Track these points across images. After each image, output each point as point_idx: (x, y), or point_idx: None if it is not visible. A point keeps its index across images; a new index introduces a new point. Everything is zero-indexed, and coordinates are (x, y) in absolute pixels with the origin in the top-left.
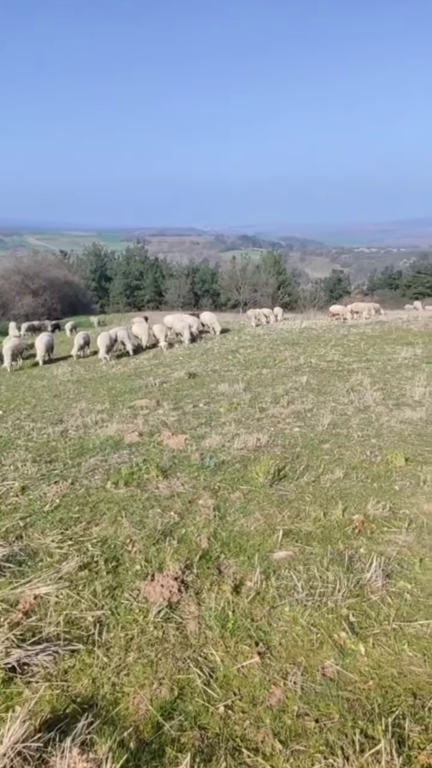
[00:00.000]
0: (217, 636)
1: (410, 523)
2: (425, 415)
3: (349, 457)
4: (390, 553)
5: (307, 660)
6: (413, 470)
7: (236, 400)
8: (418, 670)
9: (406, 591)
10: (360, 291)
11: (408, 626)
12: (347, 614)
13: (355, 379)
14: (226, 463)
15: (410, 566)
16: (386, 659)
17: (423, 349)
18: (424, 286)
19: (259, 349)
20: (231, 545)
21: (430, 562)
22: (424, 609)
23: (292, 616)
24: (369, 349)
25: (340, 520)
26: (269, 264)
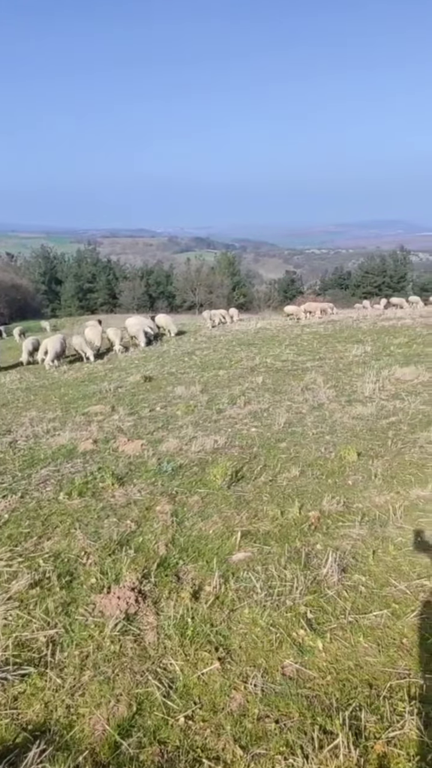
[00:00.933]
0: (177, 645)
1: (363, 516)
2: (375, 411)
3: (305, 454)
4: (345, 547)
5: (267, 661)
6: (365, 464)
7: (193, 403)
8: (373, 660)
9: (360, 584)
10: (313, 291)
11: (363, 618)
12: (305, 611)
13: (309, 377)
14: (184, 467)
15: (364, 559)
16: (343, 652)
17: (372, 347)
18: (371, 285)
19: (215, 351)
20: (189, 550)
21: (382, 553)
22: (377, 600)
23: (251, 617)
24: (322, 348)
25: (297, 517)
26: (224, 265)
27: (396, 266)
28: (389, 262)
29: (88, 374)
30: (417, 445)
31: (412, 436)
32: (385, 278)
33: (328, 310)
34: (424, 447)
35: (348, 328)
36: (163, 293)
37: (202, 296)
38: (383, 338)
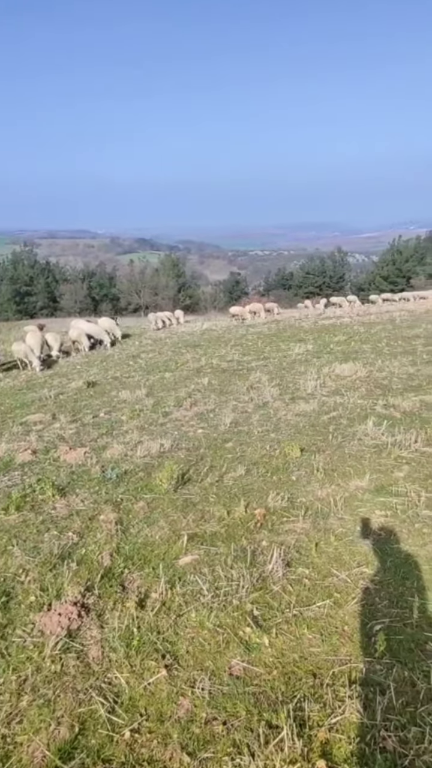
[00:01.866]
0: (122, 657)
1: (306, 510)
2: (317, 407)
3: (251, 453)
4: (289, 542)
5: (214, 663)
6: (308, 460)
7: (138, 407)
8: (317, 651)
9: (304, 576)
10: (257, 292)
11: (307, 610)
12: (251, 609)
13: (254, 377)
14: (129, 473)
15: (308, 552)
16: (288, 646)
17: (314, 345)
18: (313, 285)
19: (160, 353)
20: (135, 558)
21: (325, 545)
22: (320, 591)
23: (198, 621)
24: (266, 348)
25: (243, 516)
26: (168, 267)
27: (335, 267)
28: (328, 263)
29: (26, 382)
30: (355, 438)
31: (351, 429)
32: (325, 278)
33: (273, 309)
34: (362, 439)
35: (291, 328)
36: (107, 296)
37: (147, 298)
38: (324, 336)
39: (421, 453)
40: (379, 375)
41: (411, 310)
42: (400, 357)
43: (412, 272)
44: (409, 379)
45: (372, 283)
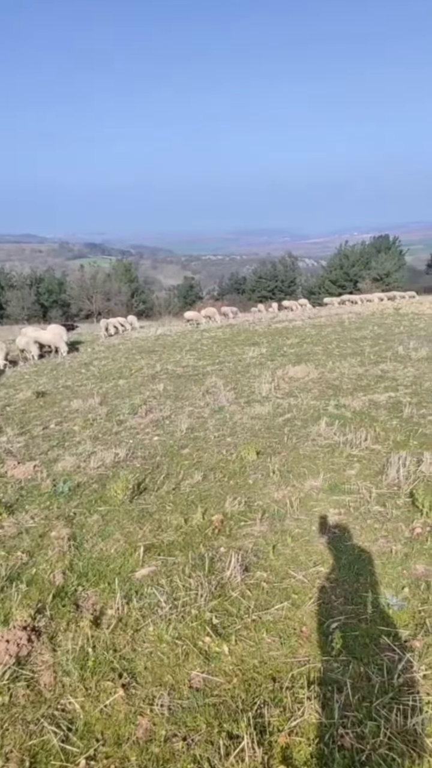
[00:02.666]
0: (76, 680)
1: (263, 513)
2: (272, 409)
3: (207, 458)
4: (247, 546)
5: (174, 677)
6: (264, 462)
7: (92, 416)
8: (276, 654)
9: (262, 580)
10: (211, 296)
11: (266, 614)
12: (210, 618)
13: (210, 381)
14: (83, 486)
15: (265, 555)
16: (248, 652)
17: (267, 348)
18: (265, 290)
19: (114, 360)
20: (90, 574)
21: (282, 547)
22: (278, 593)
23: (156, 634)
24: (221, 352)
25: (201, 523)
26: (120, 272)
27: (286, 271)
28: (280, 267)
29: None
30: (309, 439)
31: (305, 430)
32: (277, 282)
33: (229, 314)
34: (316, 440)
35: (245, 331)
36: (57, 302)
37: (99, 304)
38: (277, 339)
39: (371, 450)
40: (330, 376)
41: (358, 312)
42: (350, 358)
43: (358, 276)
44: (359, 379)
45: (322, 286)
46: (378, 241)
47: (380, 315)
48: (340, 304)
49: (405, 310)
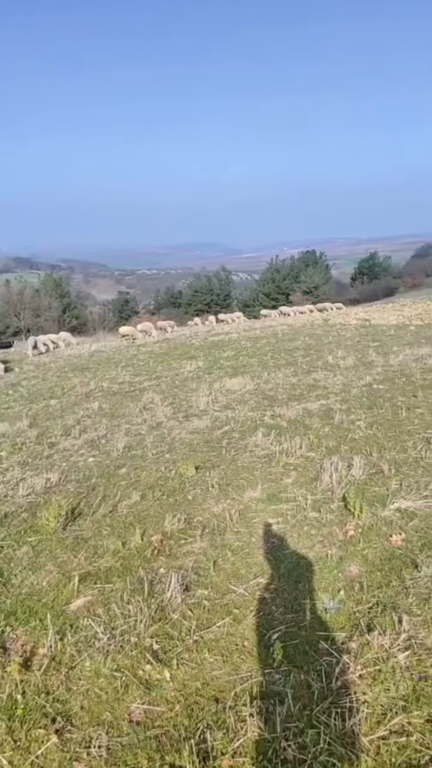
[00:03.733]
0: (4, 732)
1: (204, 528)
2: (210, 423)
3: (146, 477)
4: (188, 564)
5: (112, 712)
6: (203, 477)
7: (20, 440)
8: (218, 673)
9: (204, 598)
10: (147, 311)
11: (208, 633)
12: (151, 644)
13: (147, 397)
14: (10, 516)
15: (206, 572)
16: (191, 675)
17: (204, 361)
18: (201, 303)
19: (44, 379)
20: (18, 612)
21: (222, 562)
22: (220, 610)
23: (93, 669)
24: (158, 367)
25: (140, 545)
26: (50, 287)
27: (221, 285)
28: (214, 281)
29: None
30: (247, 450)
31: (242, 442)
32: (213, 296)
33: (167, 328)
34: (253, 451)
35: (182, 345)
36: None
37: (28, 321)
38: (214, 353)
39: (306, 458)
40: (265, 387)
41: (291, 324)
42: (284, 368)
43: (289, 289)
44: (292, 388)
45: (256, 299)
46: (306, 256)
47: (311, 326)
48: (280, 315)
49: (333, 321)
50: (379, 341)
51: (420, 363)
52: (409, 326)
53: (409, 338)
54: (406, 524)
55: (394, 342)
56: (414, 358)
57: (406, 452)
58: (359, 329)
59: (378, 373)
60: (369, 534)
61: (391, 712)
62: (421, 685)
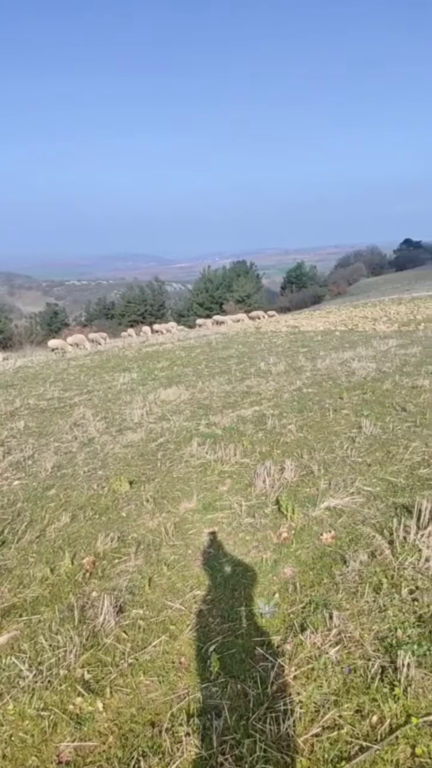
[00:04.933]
0: None
1: (138, 545)
2: (145, 435)
3: (77, 496)
4: (122, 585)
5: (39, 756)
6: (137, 492)
7: None
8: (154, 695)
9: (139, 618)
10: (78, 323)
11: (143, 654)
12: (82, 674)
13: (78, 413)
14: None
15: (141, 590)
16: (125, 701)
17: (138, 373)
18: (135, 314)
19: None
20: None
21: (158, 577)
22: (156, 628)
23: (18, 711)
24: (89, 380)
25: (70, 569)
26: None
27: (154, 295)
28: (148, 291)
29: None
30: (183, 461)
31: (178, 453)
32: (147, 306)
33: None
34: (189, 461)
35: (115, 357)
36: None
37: None
38: (148, 363)
39: (240, 464)
40: (200, 396)
41: (224, 333)
42: (218, 377)
43: (223, 298)
44: (227, 396)
45: (190, 309)
46: (237, 266)
47: (244, 334)
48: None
49: (265, 329)
50: (307, 347)
51: (344, 366)
52: (334, 332)
53: (335, 343)
54: (335, 522)
55: (321, 347)
56: (339, 361)
57: (334, 452)
58: (289, 336)
59: (307, 377)
60: (301, 535)
61: (324, 708)
62: (350, 678)
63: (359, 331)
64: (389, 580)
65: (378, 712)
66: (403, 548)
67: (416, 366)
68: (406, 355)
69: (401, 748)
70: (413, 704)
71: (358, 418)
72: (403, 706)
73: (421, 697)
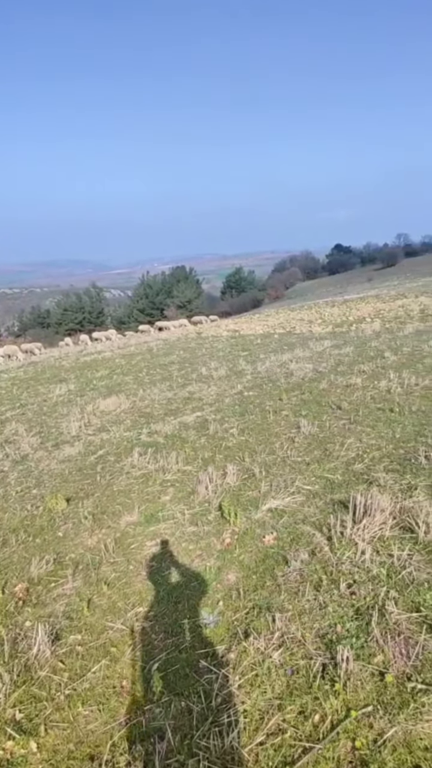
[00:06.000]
0: None
1: (77, 566)
2: (83, 448)
3: (9, 519)
4: (58, 610)
5: None
6: (75, 509)
7: None
8: (94, 726)
9: (77, 644)
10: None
11: (82, 682)
12: (13, 714)
13: (10, 429)
14: None
15: (79, 613)
16: (62, 736)
17: (76, 384)
18: (73, 322)
19: None
20: None
21: (98, 598)
22: (96, 652)
23: None
24: (23, 394)
25: (0, 600)
26: None
27: (92, 302)
28: (85, 299)
29: None
30: (124, 473)
31: (118, 465)
32: (85, 314)
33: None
34: (130, 472)
35: (50, 368)
36: None
37: None
38: (86, 373)
39: (183, 472)
40: (141, 404)
41: (165, 339)
42: (159, 384)
43: (163, 304)
44: (169, 403)
45: (131, 315)
46: (177, 272)
47: (185, 340)
48: (157, 330)
49: (206, 334)
50: (248, 350)
51: (283, 368)
52: (273, 335)
53: (274, 346)
54: (277, 523)
55: (261, 350)
56: (278, 364)
57: (275, 453)
58: (230, 340)
59: (248, 380)
60: (244, 539)
61: (268, 714)
62: (293, 679)
63: (297, 334)
64: (328, 577)
65: (320, 711)
66: (340, 543)
67: (349, 365)
68: (340, 355)
69: (342, 743)
70: (353, 697)
71: (297, 418)
72: (344, 701)
73: (360, 689)
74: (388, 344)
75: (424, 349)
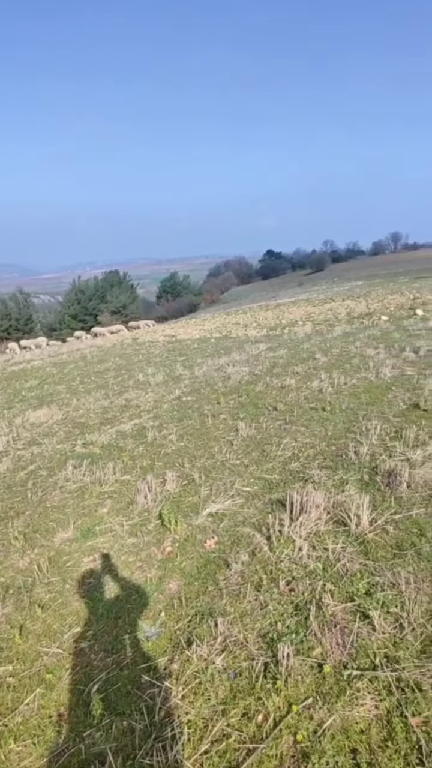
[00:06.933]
0: None
1: (7, 590)
2: (12, 464)
3: None
4: None
5: None
6: (3, 530)
7: None
8: (28, 762)
9: (8, 675)
10: None
11: (14, 716)
12: None
13: None
14: None
15: (10, 642)
16: None
17: (2, 395)
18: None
19: None
20: None
21: (31, 623)
22: (29, 681)
23: None
24: None
25: None
26: None
27: (20, 309)
28: (11, 305)
29: None
30: (57, 487)
31: (52, 479)
32: (12, 321)
33: None
34: (64, 486)
35: None
36: None
37: None
38: (14, 384)
39: (121, 482)
40: (75, 414)
41: (100, 345)
42: (95, 392)
43: (97, 309)
44: (105, 412)
45: (62, 322)
46: (110, 276)
47: (121, 346)
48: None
49: (142, 339)
50: (185, 355)
51: (220, 372)
52: (209, 339)
53: (210, 350)
54: (217, 527)
55: (198, 354)
56: (215, 368)
57: (214, 457)
58: (167, 345)
59: (186, 385)
60: (185, 546)
61: (212, 721)
62: (237, 682)
63: (233, 337)
64: (268, 576)
65: (263, 710)
66: (279, 542)
67: (284, 367)
68: (274, 358)
69: (284, 739)
70: (294, 692)
71: (235, 421)
72: (285, 697)
73: (300, 684)
74: (318, 346)
75: (351, 350)
